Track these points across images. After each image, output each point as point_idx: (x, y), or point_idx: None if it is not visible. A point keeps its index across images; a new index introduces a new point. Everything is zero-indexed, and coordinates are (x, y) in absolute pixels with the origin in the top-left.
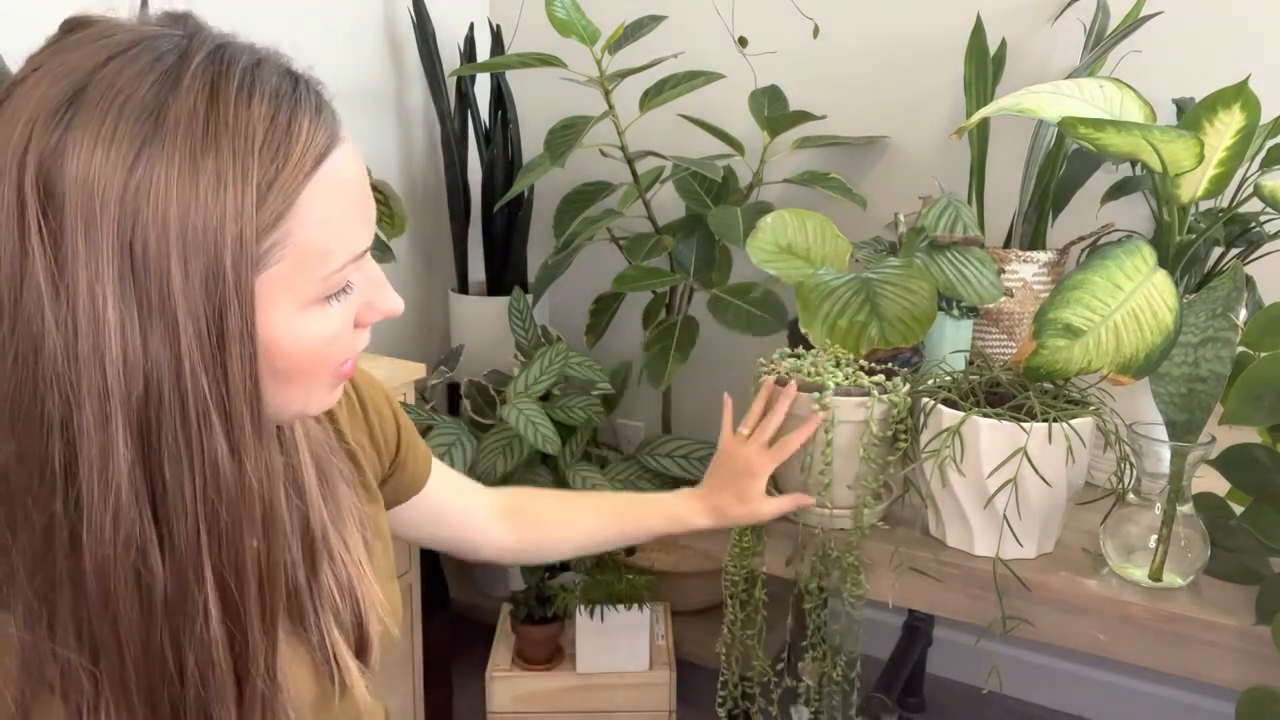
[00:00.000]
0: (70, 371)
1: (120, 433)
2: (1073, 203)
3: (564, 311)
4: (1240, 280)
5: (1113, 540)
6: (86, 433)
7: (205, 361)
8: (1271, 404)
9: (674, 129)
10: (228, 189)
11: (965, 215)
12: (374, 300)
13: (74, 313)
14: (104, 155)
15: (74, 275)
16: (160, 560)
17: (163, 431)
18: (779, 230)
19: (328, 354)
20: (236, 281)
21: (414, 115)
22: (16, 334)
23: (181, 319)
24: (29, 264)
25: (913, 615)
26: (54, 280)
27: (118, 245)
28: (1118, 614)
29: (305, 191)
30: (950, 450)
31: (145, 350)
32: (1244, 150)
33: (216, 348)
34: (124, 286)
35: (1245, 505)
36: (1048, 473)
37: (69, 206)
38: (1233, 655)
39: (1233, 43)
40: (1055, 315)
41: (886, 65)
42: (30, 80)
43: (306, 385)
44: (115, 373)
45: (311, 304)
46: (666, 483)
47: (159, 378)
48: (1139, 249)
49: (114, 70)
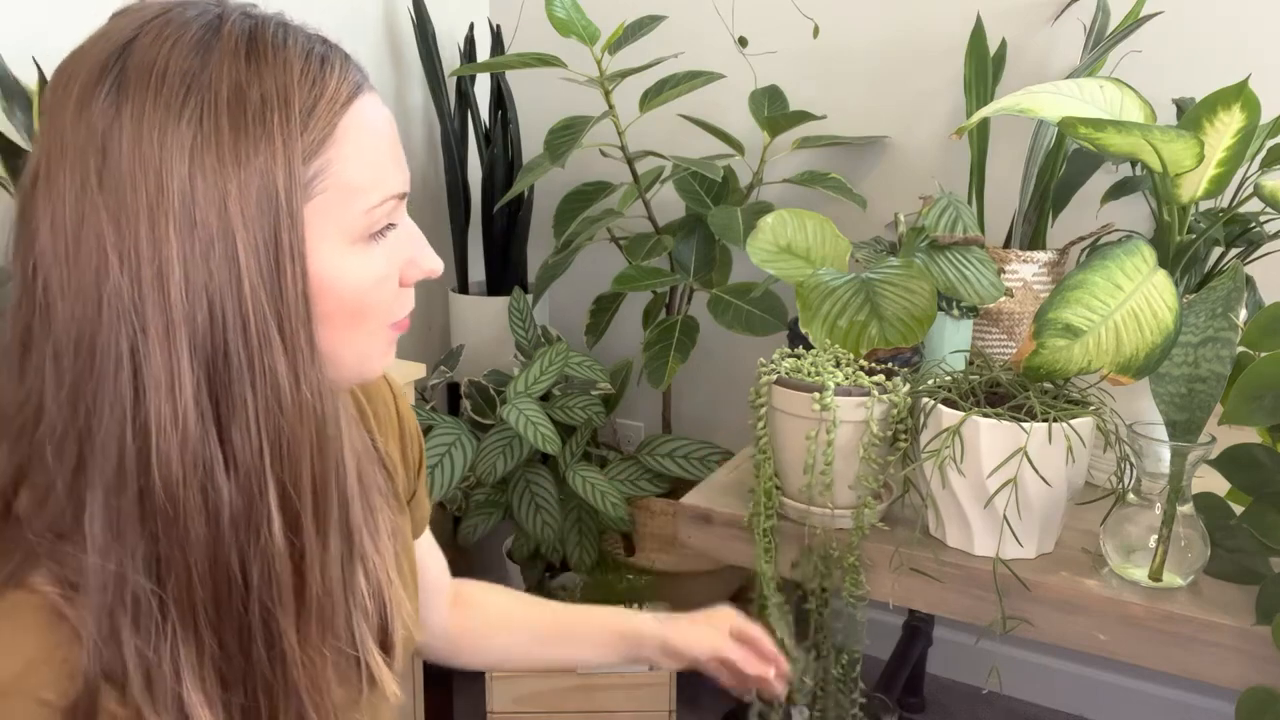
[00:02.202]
0: (135, 302)
1: (186, 357)
2: (1073, 203)
3: (564, 311)
4: (1240, 280)
5: (1113, 540)
6: (154, 360)
7: (264, 282)
8: (1271, 404)
9: (674, 129)
10: (274, 113)
11: (965, 215)
12: (416, 258)
13: (136, 244)
14: (155, 94)
15: (134, 209)
16: (226, 478)
17: (227, 353)
18: (779, 230)
19: (375, 300)
20: (288, 203)
21: (414, 115)
22: (80, 268)
23: (240, 242)
24: (88, 199)
25: (913, 615)
26: (115, 215)
27: (175, 177)
28: (1118, 614)
29: (342, 122)
30: (950, 450)
31: (208, 275)
32: (1244, 150)
33: (274, 269)
34: (184, 214)
35: (1245, 505)
36: (1048, 473)
37: (125, 146)
38: (1233, 655)
39: (1233, 43)
40: (1055, 315)
41: (886, 65)
42: (85, 45)
43: (358, 334)
44: (179, 298)
45: (356, 241)
46: (667, 482)
47: (221, 300)
48: (1139, 249)
49: (159, 24)
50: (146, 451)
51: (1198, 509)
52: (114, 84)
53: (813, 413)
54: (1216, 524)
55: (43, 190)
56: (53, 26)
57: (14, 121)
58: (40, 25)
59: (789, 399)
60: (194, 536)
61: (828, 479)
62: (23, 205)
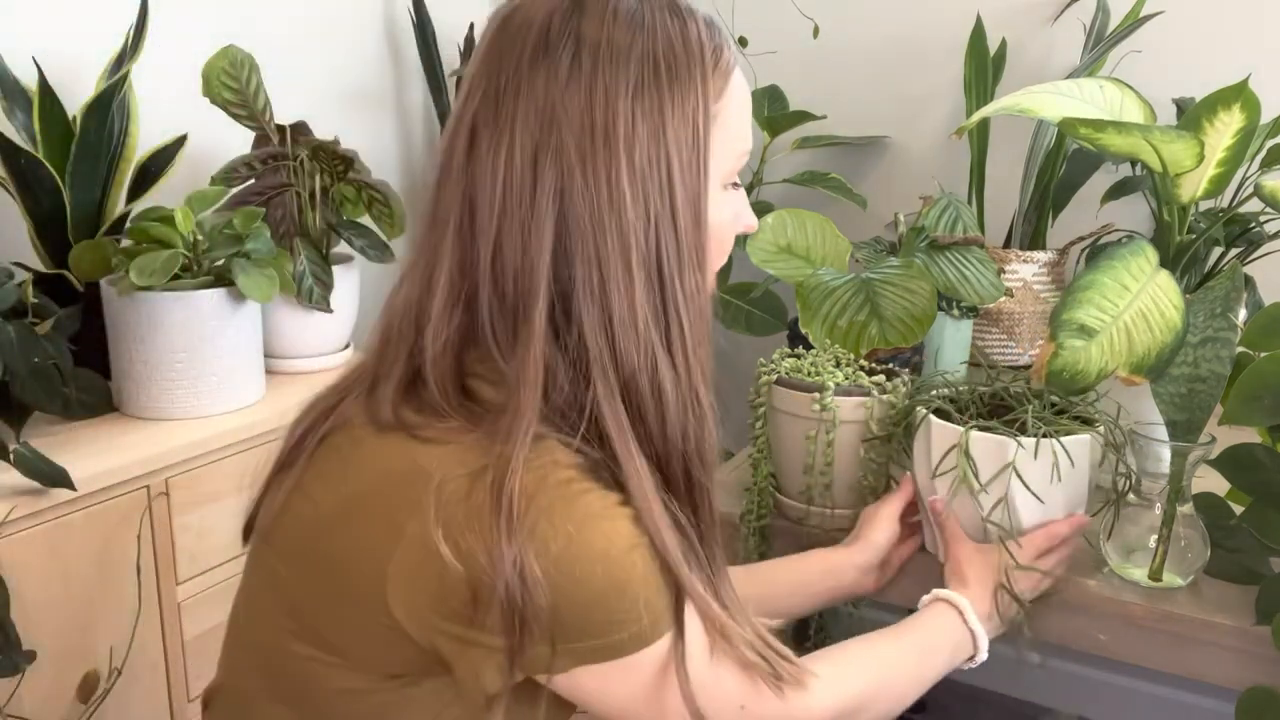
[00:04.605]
0: (596, 221)
1: (636, 267)
2: (1073, 203)
3: None
4: (1239, 280)
5: (1113, 540)
6: (615, 280)
7: (690, 203)
8: (1271, 404)
9: None
10: (697, 63)
11: (965, 215)
12: (743, 213)
13: (595, 171)
14: (607, 42)
15: (590, 143)
16: (670, 367)
17: (661, 262)
18: (779, 230)
19: (722, 239)
20: (705, 136)
21: (413, 114)
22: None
23: (676, 167)
24: (552, 134)
25: None
26: (578, 147)
27: (622, 116)
28: (1118, 614)
29: (732, 80)
30: (959, 467)
31: (648, 196)
32: (1244, 150)
33: (697, 191)
34: (628, 145)
35: (1245, 505)
36: (1039, 488)
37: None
38: (1233, 655)
39: (1233, 43)
40: (1069, 316)
41: (886, 65)
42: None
43: (709, 276)
44: (630, 216)
45: (725, 184)
46: None
47: (659, 217)
48: (1142, 250)
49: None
50: (613, 346)
51: (1198, 509)
52: (572, 41)
53: (812, 413)
54: (1216, 524)
55: (494, 125)
56: (53, 26)
57: (14, 121)
58: (40, 25)
59: (789, 399)
60: (651, 414)
61: (827, 479)
62: (463, 139)
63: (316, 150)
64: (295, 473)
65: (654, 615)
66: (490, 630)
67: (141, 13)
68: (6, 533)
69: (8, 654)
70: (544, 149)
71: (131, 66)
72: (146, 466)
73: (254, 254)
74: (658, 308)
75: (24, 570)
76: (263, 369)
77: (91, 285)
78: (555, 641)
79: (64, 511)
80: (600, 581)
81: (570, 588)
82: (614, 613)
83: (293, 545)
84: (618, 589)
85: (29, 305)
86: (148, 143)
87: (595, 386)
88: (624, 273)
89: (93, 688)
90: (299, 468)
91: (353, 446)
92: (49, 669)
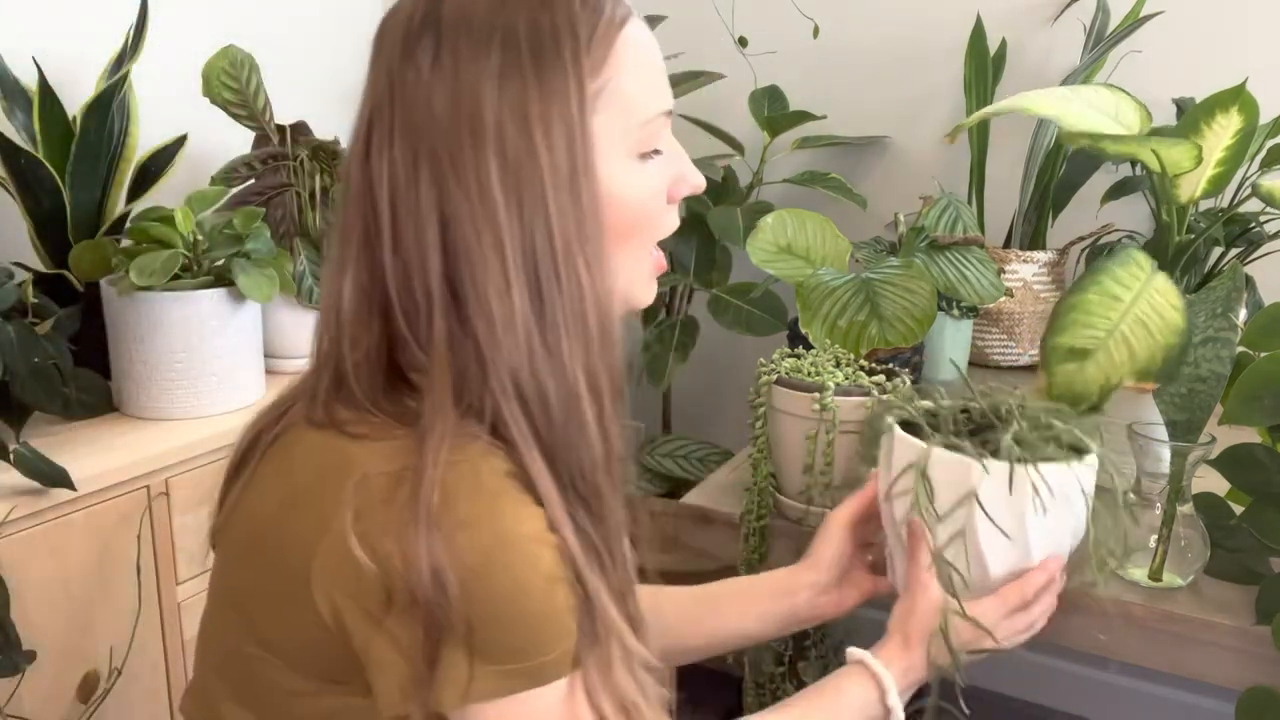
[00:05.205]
0: (472, 221)
1: (512, 266)
2: (1073, 203)
3: None
4: (1239, 280)
5: None
6: (490, 272)
7: (566, 196)
8: (1271, 404)
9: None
10: (564, 41)
11: (965, 215)
12: (684, 173)
13: (462, 168)
14: (467, 36)
15: (458, 139)
16: (548, 370)
17: (538, 261)
18: (779, 230)
19: (648, 214)
20: (581, 120)
21: None
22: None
23: (544, 160)
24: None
25: None
26: (446, 145)
27: (488, 108)
28: (1118, 614)
29: (619, 42)
30: (915, 490)
31: (520, 190)
32: (1243, 151)
33: (572, 182)
34: (496, 138)
35: (1245, 505)
36: (1007, 524)
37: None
38: (1233, 655)
39: (1232, 43)
40: (1056, 342)
41: (886, 65)
42: (399, 7)
43: (629, 252)
44: (501, 214)
45: (633, 156)
46: (667, 482)
47: (533, 214)
48: (1132, 257)
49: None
50: (499, 348)
51: (1198, 509)
52: (433, 34)
53: (813, 413)
54: (1216, 524)
55: (379, 131)
56: (53, 26)
57: (14, 122)
58: (40, 25)
59: (789, 399)
60: (539, 418)
61: (828, 479)
62: (359, 147)
63: (316, 150)
64: (247, 474)
65: (570, 643)
66: (403, 638)
67: (141, 13)
68: (6, 533)
69: (8, 654)
70: (420, 152)
71: (131, 66)
72: (146, 466)
73: (254, 254)
74: (538, 308)
75: (24, 570)
76: (263, 369)
77: (91, 285)
78: (473, 661)
79: (64, 511)
80: (518, 604)
81: (487, 604)
82: (533, 637)
83: (240, 543)
84: (536, 614)
85: (29, 305)
86: (148, 143)
87: (493, 390)
88: (500, 274)
89: (93, 688)
90: (250, 468)
91: (295, 444)
92: (49, 669)
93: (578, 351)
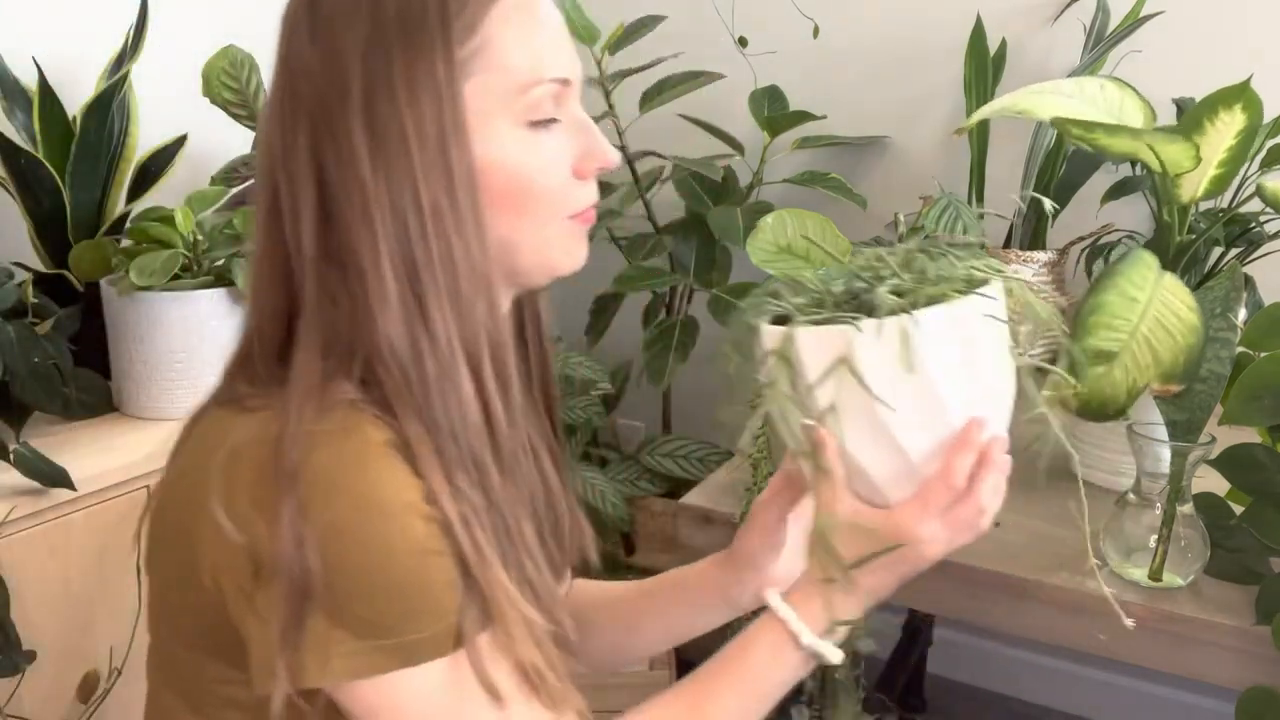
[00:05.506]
0: (342, 190)
1: (382, 238)
2: (1073, 203)
3: (564, 311)
4: (1239, 280)
5: (1113, 540)
6: (361, 242)
7: (435, 162)
8: (1271, 404)
9: (674, 129)
10: (430, 6)
11: (965, 215)
12: (592, 149)
13: (335, 137)
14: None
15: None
16: (428, 346)
17: (408, 230)
18: (779, 230)
19: (544, 186)
20: (448, 84)
21: None
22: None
23: (410, 125)
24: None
25: (913, 615)
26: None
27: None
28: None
29: (496, 6)
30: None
31: (388, 159)
32: (1245, 151)
33: (441, 148)
34: (364, 105)
35: (1245, 505)
36: (905, 392)
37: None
38: (1233, 655)
39: (1233, 43)
40: (1083, 346)
41: (886, 65)
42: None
43: (530, 221)
44: (370, 182)
45: (520, 124)
46: (667, 482)
47: (400, 182)
48: (1140, 258)
49: None
50: (370, 314)
51: (1198, 509)
52: (313, 8)
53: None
54: (1216, 524)
55: (272, 105)
56: (53, 27)
57: (14, 121)
58: (40, 25)
59: None
60: (416, 386)
61: None
62: (267, 123)
63: None
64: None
65: (448, 621)
66: (269, 611)
67: (141, 13)
68: (6, 533)
69: (8, 654)
70: (300, 121)
71: (131, 66)
72: (146, 466)
73: None
74: (409, 274)
75: (24, 570)
76: None
77: (91, 285)
78: (336, 635)
79: (64, 511)
80: (383, 575)
81: (349, 574)
82: (400, 612)
83: (150, 534)
84: (403, 587)
85: (29, 305)
86: (148, 143)
87: (365, 354)
88: (370, 239)
89: (93, 688)
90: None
91: (196, 426)
92: (49, 669)
93: (452, 320)
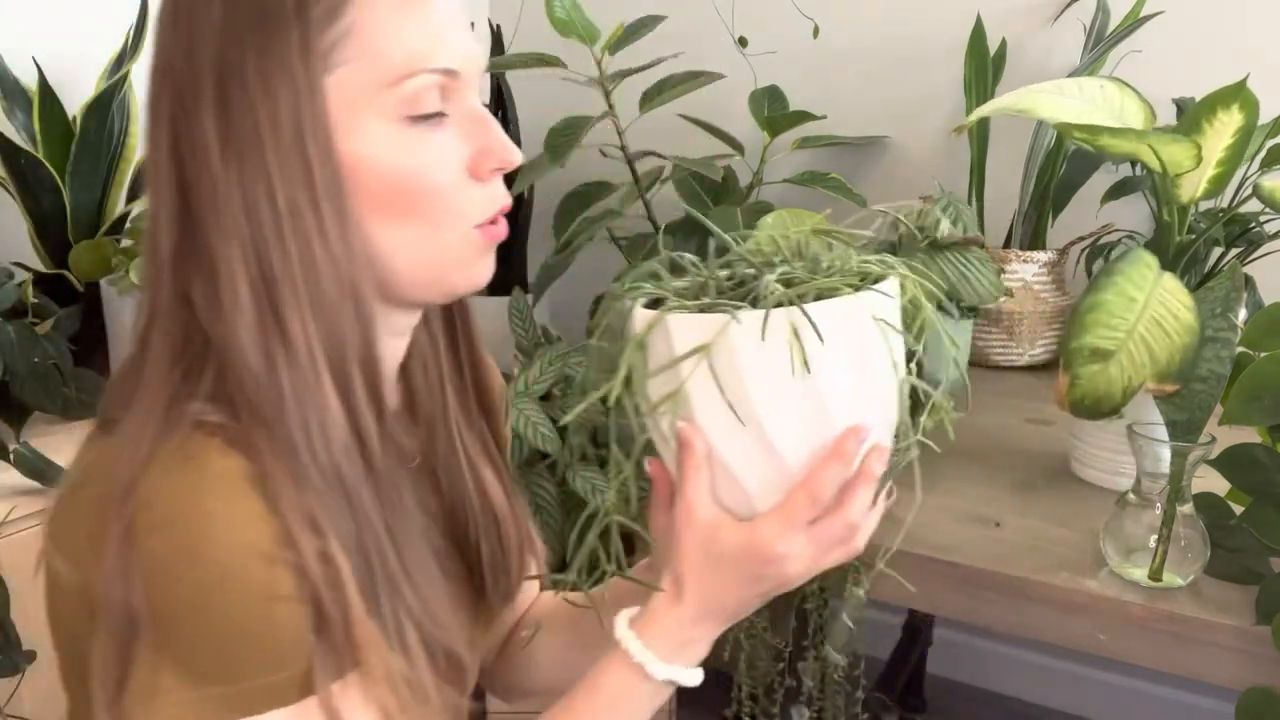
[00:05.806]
0: (194, 185)
1: (234, 240)
2: (1073, 203)
3: (564, 311)
4: (1239, 280)
5: (1113, 540)
6: (210, 243)
7: (291, 157)
8: (1271, 404)
9: (674, 129)
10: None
11: (965, 215)
12: (489, 146)
13: (190, 128)
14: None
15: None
16: (285, 360)
17: (264, 233)
18: (779, 230)
19: (433, 187)
20: (306, 74)
21: None
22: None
23: (264, 117)
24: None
25: (913, 615)
26: (180, 104)
27: (209, 62)
28: (1118, 614)
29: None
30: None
31: (240, 153)
32: (1243, 150)
33: (298, 142)
34: (217, 95)
35: (1245, 505)
36: (785, 392)
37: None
38: (1233, 655)
39: (1233, 43)
40: (1079, 343)
41: (886, 65)
42: None
43: (424, 229)
44: (221, 177)
45: (395, 120)
46: None
47: (254, 178)
48: (1139, 257)
49: None
50: (217, 317)
51: (1198, 509)
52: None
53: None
54: (1216, 524)
55: (149, 99)
56: (53, 27)
57: (14, 121)
58: (40, 25)
59: None
60: (268, 394)
61: None
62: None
63: None
64: None
65: (294, 669)
66: (100, 651)
67: (141, 13)
68: (6, 533)
69: (8, 654)
70: (162, 113)
71: (131, 66)
72: None
73: None
74: (265, 276)
75: (24, 570)
76: None
77: (91, 285)
78: (163, 680)
79: None
80: (214, 617)
81: (176, 616)
82: (235, 658)
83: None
84: (238, 632)
85: (29, 305)
86: None
87: (215, 365)
88: (221, 239)
89: None
90: None
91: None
92: (49, 669)
93: (314, 327)
